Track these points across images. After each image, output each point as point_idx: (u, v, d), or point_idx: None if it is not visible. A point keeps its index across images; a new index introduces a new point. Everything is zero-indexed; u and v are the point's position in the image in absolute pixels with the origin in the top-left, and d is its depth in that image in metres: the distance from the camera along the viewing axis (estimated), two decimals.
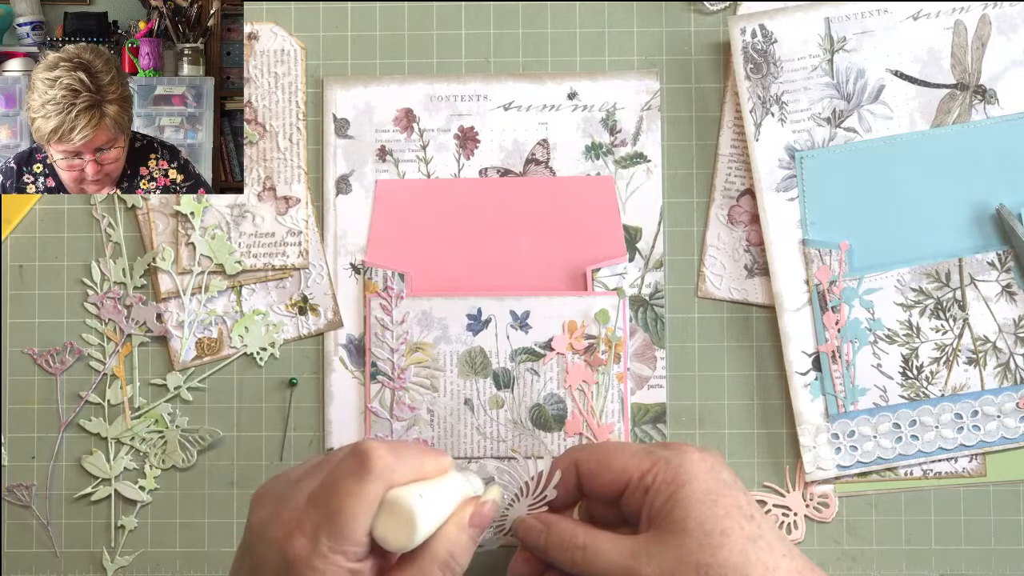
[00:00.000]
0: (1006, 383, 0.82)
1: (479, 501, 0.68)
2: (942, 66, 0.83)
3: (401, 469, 0.64)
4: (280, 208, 0.85)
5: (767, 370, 0.84)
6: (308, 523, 0.62)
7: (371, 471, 0.63)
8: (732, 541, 0.64)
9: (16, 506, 0.85)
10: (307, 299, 0.85)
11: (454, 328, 0.84)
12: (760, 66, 0.83)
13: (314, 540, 0.62)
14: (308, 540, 0.62)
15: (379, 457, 0.63)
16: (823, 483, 0.83)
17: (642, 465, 0.67)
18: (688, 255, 0.85)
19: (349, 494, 0.62)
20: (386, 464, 0.63)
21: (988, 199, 0.82)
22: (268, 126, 0.85)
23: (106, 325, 0.85)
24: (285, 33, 0.85)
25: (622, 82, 0.85)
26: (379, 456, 0.63)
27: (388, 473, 0.63)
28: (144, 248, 0.85)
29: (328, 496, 0.63)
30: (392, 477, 0.64)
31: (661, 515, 0.65)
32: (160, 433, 0.85)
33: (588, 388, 0.83)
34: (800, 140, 0.83)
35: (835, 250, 0.83)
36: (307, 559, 0.62)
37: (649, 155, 0.85)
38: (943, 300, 0.83)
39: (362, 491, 0.63)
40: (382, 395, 0.84)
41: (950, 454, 0.83)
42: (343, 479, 0.63)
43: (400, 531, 0.63)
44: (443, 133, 0.85)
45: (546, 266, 0.84)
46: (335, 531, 0.62)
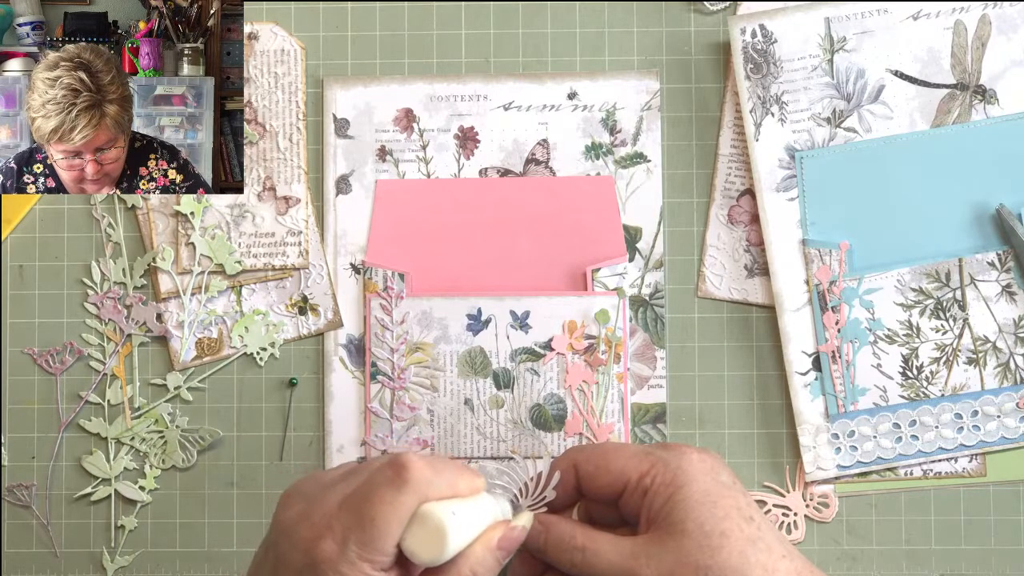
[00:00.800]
0: (1006, 383, 0.82)
1: (509, 525, 0.67)
2: (942, 66, 0.83)
3: (437, 484, 0.64)
4: (280, 208, 0.85)
5: (767, 370, 0.84)
6: (339, 527, 0.62)
7: (408, 482, 0.62)
8: (731, 543, 0.64)
9: (16, 506, 0.85)
10: (307, 299, 0.85)
11: (454, 328, 0.84)
12: (760, 66, 0.83)
13: (343, 545, 0.62)
14: (337, 544, 0.62)
15: (417, 470, 0.63)
16: (823, 483, 0.83)
17: (641, 466, 0.67)
18: (688, 255, 0.85)
19: (384, 502, 0.62)
20: (423, 477, 0.63)
21: (988, 199, 0.82)
22: (268, 126, 0.85)
23: (106, 325, 0.85)
24: (285, 33, 0.85)
25: (622, 82, 0.85)
26: (417, 469, 0.63)
27: (424, 487, 0.63)
28: (144, 248, 0.85)
29: (362, 503, 0.62)
30: (428, 491, 0.63)
31: (660, 517, 0.65)
32: (160, 433, 0.85)
33: (588, 388, 0.83)
34: (800, 140, 0.83)
35: (835, 250, 0.83)
36: (334, 563, 0.62)
37: (649, 155, 0.85)
38: (943, 300, 0.83)
39: (397, 501, 0.62)
40: (382, 395, 0.84)
41: (950, 454, 0.83)
42: (379, 488, 0.63)
43: (430, 545, 0.63)
44: (443, 133, 0.85)
45: (546, 266, 0.84)
46: (366, 538, 0.62)
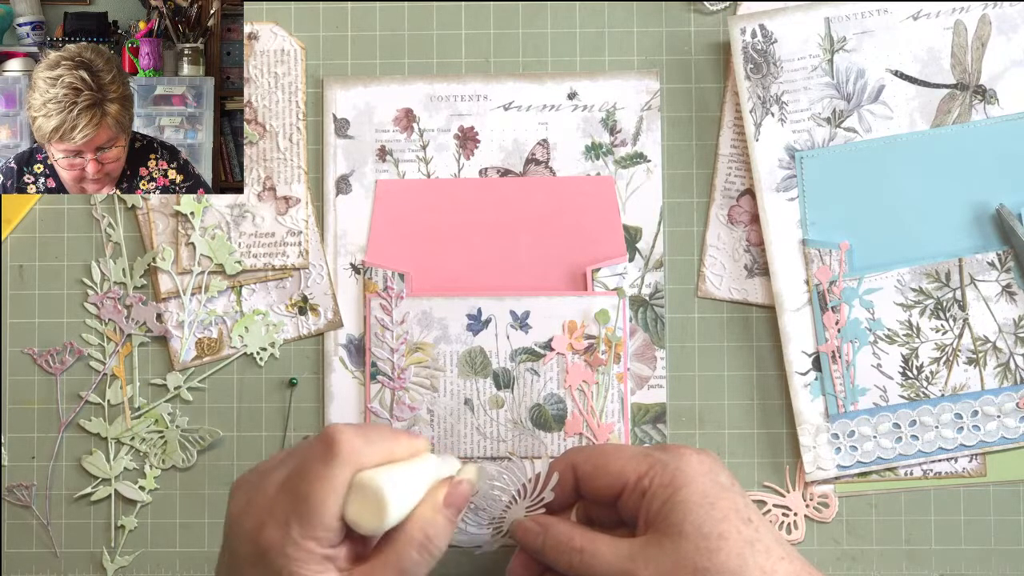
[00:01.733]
0: (1006, 383, 0.82)
1: (454, 480, 0.67)
2: (942, 66, 0.83)
3: (369, 452, 0.64)
4: (280, 208, 0.85)
5: (767, 370, 0.84)
6: (279, 511, 0.62)
7: (338, 455, 0.63)
8: (729, 545, 0.63)
9: (16, 506, 0.85)
10: (307, 299, 0.85)
11: (454, 328, 0.84)
12: (760, 66, 0.83)
13: (285, 527, 0.62)
14: (280, 528, 0.62)
15: (346, 441, 0.63)
16: (823, 483, 0.83)
17: (639, 468, 0.67)
18: (688, 255, 0.85)
19: (316, 478, 0.62)
20: (353, 448, 0.63)
21: (988, 199, 0.82)
22: (268, 126, 0.85)
23: (106, 325, 0.85)
24: (285, 33, 0.85)
25: (622, 82, 0.85)
26: (346, 440, 0.63)
27: (355, 456, 0.63)
28: (144, 248, 0.85)
29: (297, 482, 0.63)
30: (360, 460, 0.63)
31: (658, 518, 0.65)
32: (160, 433, 0.85)
33: (588, 388, 0.83)
34: (800, 140, 0.83)
35: (835, 250, 0.83)
36: (280, 547, 0.62)
37: (649, 155, 0.85)
38: (943, 300, 0.82)
39: (329, 475, 0.62)
40: (382, 395, 0.84)
41: (950, 454, 0.83)
42: (311, 464, 0.63)
43: (371, 514, 0.63)
44: (443, 133, 0.85)
45: (546, 266, 0.84)
46: (305, 517, 0.62)
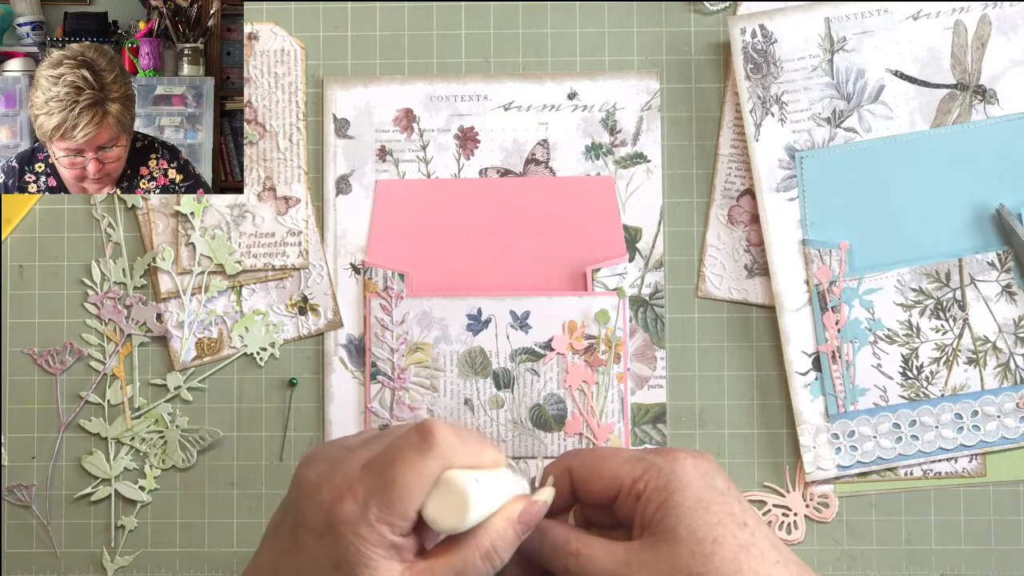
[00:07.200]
0: (1006, 383, 0.82)
1: (531, 499, 0.67)
2: (942, 66, 0.82)
3: (462, 452, 0.63)
4: (280, 208, 0.85)
5: (767, 370, 0.84)
6: (361, 489, 0.61)
7: (433, 447, 0.62)
8: (724, 549, 0.63)
9: (16, 506, 0.85)
10: (307, 299, 0.85)
11: (454, 328, 0.84)
12: (760, 66, 0.83)
13: (364, 507, 0.61)
14: (358, 506, 0.61)
15: (443, 436, 0.62)
16: (823, 483, 0.83)
17: (634, 472, 0.67)
18: (688, 255, 0.85)
19: (408, 466, 0.61)
20: (449, 444, 0.62)
21: (988, 199, 0.82)
22: (268, 126, 0.85)
23: (106, 325, 0.85)
24: (285, 33, 0.85)
25: (622, 82, 0.85)
26: (443, 435, 0.62)
27: (449, 453, 0.62)
28: (144, 248, 0.85)
29: (386, 466, 0.62)
30: (452, 458, 0.62)
31: (653, 522, 0.65)
32: (160, 433, 0.85)
33: (588, 388, 0.83)
34: (800, 140, 0.83)
35: (835, 250, 0.83)
36: (353, 524, 0.61)
37: (649, 155, 0.85)
38: (943, 300, 0.82)
39: (421, 465, 0.61)
40: (382, 395, 0.84)
41: (950, 454, 0.83)
42: (404, 451, 0.62)
43: (451, 513, 0.62)
44: (443, 133, 0.85)
45: (546, 266, 0.84)
46: (387, 501, 0.61)
